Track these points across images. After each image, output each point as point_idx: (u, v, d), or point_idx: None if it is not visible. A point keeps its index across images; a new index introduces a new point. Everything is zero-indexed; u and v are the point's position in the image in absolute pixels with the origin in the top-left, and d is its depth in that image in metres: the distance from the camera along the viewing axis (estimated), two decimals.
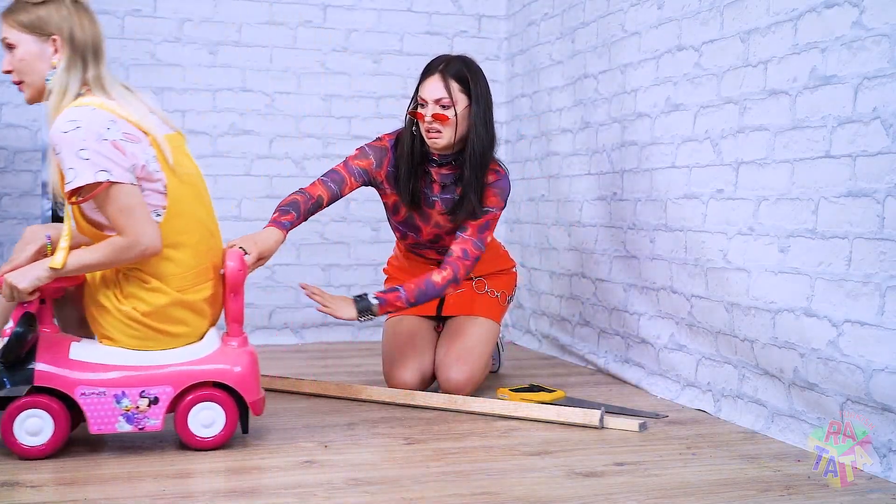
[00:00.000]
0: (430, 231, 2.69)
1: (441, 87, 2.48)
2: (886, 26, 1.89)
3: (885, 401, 1.88)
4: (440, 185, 2.61)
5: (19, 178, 3.51)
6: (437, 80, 2.49)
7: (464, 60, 2.54)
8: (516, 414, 2.37)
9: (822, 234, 2.06)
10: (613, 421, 2.28)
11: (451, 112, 2.48)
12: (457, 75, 2.49)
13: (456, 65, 2.51)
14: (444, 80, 2.48)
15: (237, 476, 1.86)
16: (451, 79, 2.48)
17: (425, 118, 2.49)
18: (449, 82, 2.48)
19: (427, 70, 2.53)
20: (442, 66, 2.50)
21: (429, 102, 2.49)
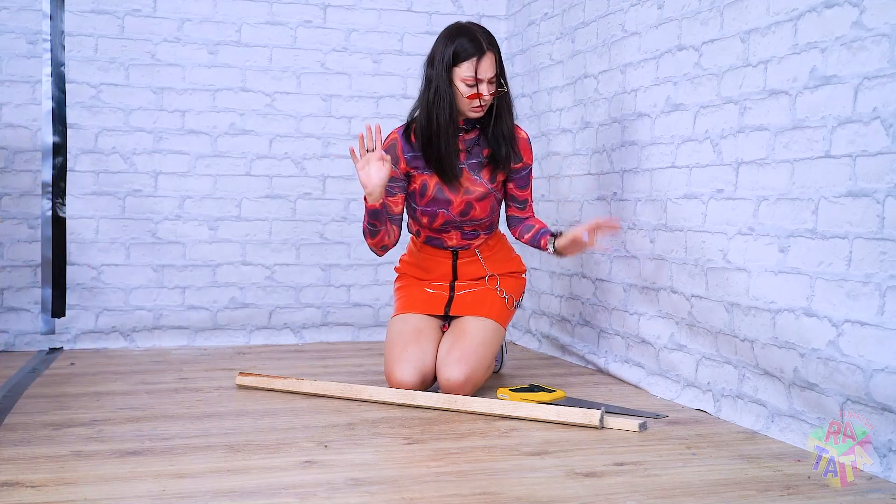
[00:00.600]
0: (460, 201, 2.75)
1: (495, 64, 2.63)
2: (886, 26, 1.89)
3: (885, 401, 1.88)
4: (466, 152, 2.74)
5: (19, 178, 3.51)
6: (491, 59, 2.62)
7: (486, 29, 2.69)
8: (516, 414, 2.37)
9: (822, 234, 2.06)
10: (613, 421, 2.28)
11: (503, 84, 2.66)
12: (494, 45, 2.65)
13: (486, 34, 2.66)
14: (495, 57, 2.64)
15: (237, 476, 1.86)
16: (496, 53, 2.64)
17: (484, 96, 2.62)
18: (497, 56, 2.64)
19: (471, 50, 2.61)
20: (486, 44, 2.62)
21: (484, 81, 2.61)
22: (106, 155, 3.60)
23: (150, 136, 3.65)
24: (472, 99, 2.62)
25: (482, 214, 2.77)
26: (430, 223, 2.79)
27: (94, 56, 3.58)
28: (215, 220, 3.72)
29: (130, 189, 3.63)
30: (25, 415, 2.38)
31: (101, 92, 3.59)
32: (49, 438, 2.13)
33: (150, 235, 3.65)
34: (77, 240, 3.56)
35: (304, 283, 3.82)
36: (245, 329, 3.74)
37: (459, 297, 2.80)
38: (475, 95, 2.61)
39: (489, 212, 2.79)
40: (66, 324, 3.54)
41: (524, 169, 2.81)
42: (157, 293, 3.65)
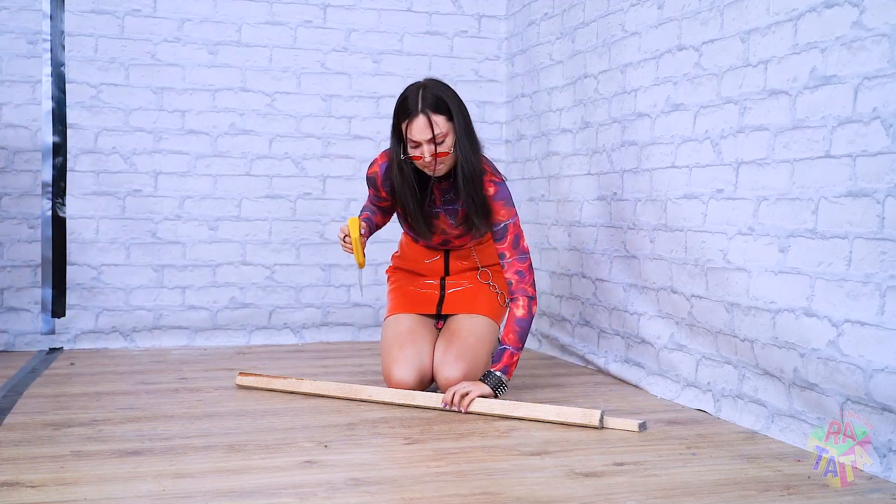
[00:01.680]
0: (438, 238, 2.75)
1: (429, 127, 2.45)
2: (886, 26, 1.89)
3: (885, 401, 1.88)
4: (441, 199, 2.65)
5: (19, 178, 3.51)
6: (423, 121, 2.45)
7: (434, 85, 2.51)
8: (516, 414, 2.37)
9: (822, 234, 2.06)
10: (613, 421, 2.28)
11: (447, 143, 2.48)
12: (436, 106, 2.46)
13: (430, 96, 2.47)
14: (430, 118, 2.45)
15: (237, 476, 1.85)
16: (433, 113, 2.45)
17: (424, 158, 2.48)
18: (433, 118, 2.45)
19: (406, 111, 2.48)
20: (421, 105, 2.45)
21: (422, 143, 2.47)
22: (106, 155, 3.60)
23: (150, 136, 3.65)
24: (416, 160, 2.52)
25: (462, 243, 2.78)
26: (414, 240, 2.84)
27: (94, 56, 3.58)
28: (215, 220, 3.72)
29: (130, 189, 3.63)
30: (25, 415, 2.38)
31: (101, 92, 3.59)
32: (49, 438, 2.13)
33: (150, 235, 3.65)
34: (77, 240, 3.56)
35: (304, 283, 3.82)
36: (245, 329, 3.74)
37: (450, 295, 2.80)
38: (416, 158, 2.50)
39: (469, 240, 2.77)
40: (66, 324, 3.54)
41: (496, 224, 2.60)
42: (157, 293, 3.65)
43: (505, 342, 2.54)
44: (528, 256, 2.61)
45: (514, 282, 2.58)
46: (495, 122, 4.05)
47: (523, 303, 2.56)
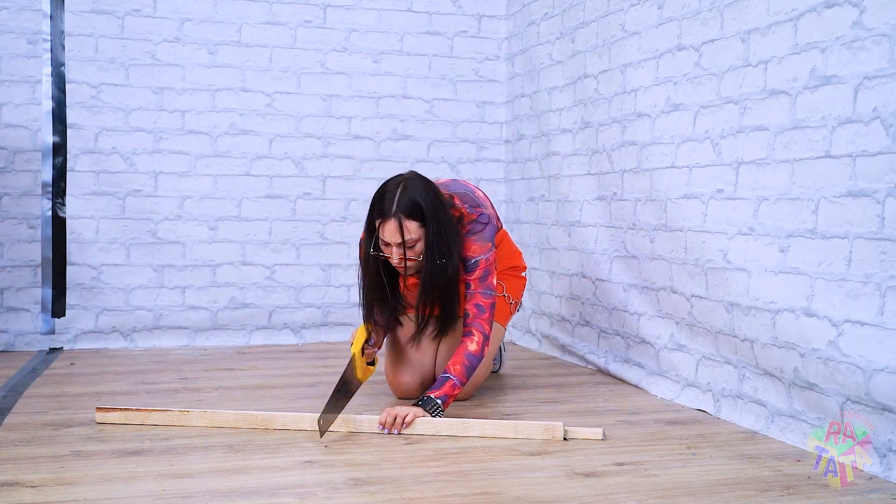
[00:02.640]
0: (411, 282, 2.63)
1: (399, 232, 2.38)
2: (886, 26, 1.89)
3: (885, 401, 1.88)
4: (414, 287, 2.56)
5: (19, 178, 3.51)
6: (394, 225, 2.38)
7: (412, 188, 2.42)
8: (469, 434, 2.20)
9: (822, 234, 2.06)
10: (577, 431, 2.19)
11: (416, 250, 2.42)
12: (410, 212, 2.39)
13: (406, 199, 2.39)
14: (400, 223, 2.38)
15: (237, 476, 1.85)
16: (406, 219, 2.38)
17: (392, 260, 2.44)
18: (405, 223, 2.38)
19: (381, 210, 2.41)
20: (395, 208, 2.38)
21: (392, 245, 2.42)
22: (106, 155, 3.60)
23: (150, 136, 3.65)
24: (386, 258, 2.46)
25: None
26: None
27: (94, 56, 3.58)
28: (215, 220, 3.72)
29: (130, 189, 3.62)
30: (25, 415, 2.38)
31: (101, 92, 3.59)
32: (49, 438, 2.13)
33: (150, 235, 3.65)
34: (77, 240, 3.56)
35: (304, 283, 3.82)
36: (245, 329, 3.74)
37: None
38: (386, 256, 2.44)
39: None
40: (66, 324, 3.54)
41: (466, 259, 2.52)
42: (157, 293, 3.65)
43: (449, 372, 2.40)
44: (493, 294, 2.51)
45: (471, 314, 2.48)
46: (495, 122, 4.05)
47: (478, 339, 2.45)
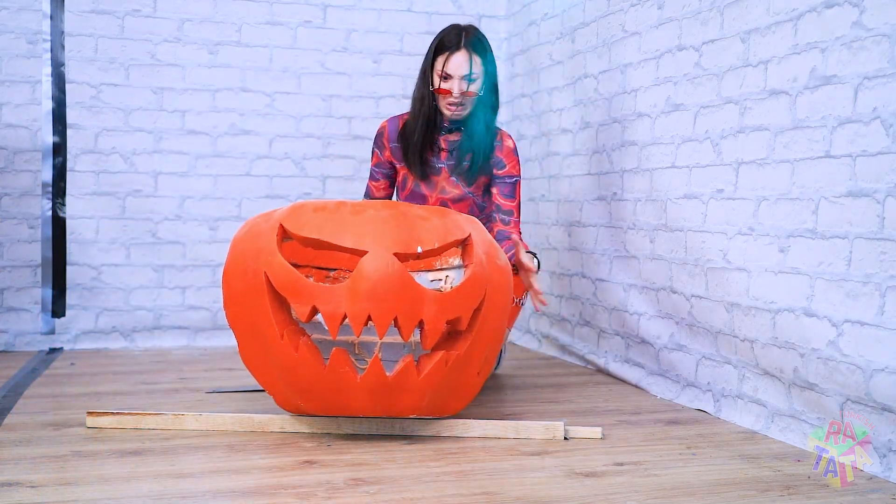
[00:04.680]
0: (435, 199, 2.75)
1: (469, 63, 2.55)
2: (886, 26, 1.89)
3: (885, 401, 1.88)
4: (447, 152, 2.70)
5: (19, 178, 3.51)
6: (464, 56, 2.55)
7: (476, 30, 2.63)
8: (469, 434, 2.19)
9: (822, 234, 2.06)
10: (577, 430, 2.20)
11: (476, 86, 2.58)
12: (477, 48, 2.58)
13: (474, 37, 2.59)
14: (470, 55, 2.55)
15: (237, 476, 1.86)
16: (475, 55, 2.56)
17: (453, 93, 2.56)
18: (473, 57, 2.55)
19: (447, 44, 2.58)
20: (464, 41, 2.57)
21: (455, 77, 2.55)
22: (106, 155, 3.60)
23: (150, 137, 3.65)
24: (443, 94, 2.60)
25: (460, 210, 2.77)
26: None
27: (94, 56, 3.58)
28: (215, 220, 3.72)
29: (130, 189, 3.62)
30: (25, 415, 2.38)
31: (101, 92, 3.59)
32: (49, 438, 2.13)
33: (150, 235, 3.65)
34: (77, 240, 3.56)
35: None
36: None
37: None
38: (444, 91, 2.58)
39: (468, 213, 2.78)
40: (66, 324, 3.54)
41: (509, 177, 2.70)
42: (157, 293, 3.65)
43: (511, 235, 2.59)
44: None
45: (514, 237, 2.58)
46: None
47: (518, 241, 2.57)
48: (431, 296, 2.02)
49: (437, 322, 2.02)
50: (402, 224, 2.06)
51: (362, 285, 1.96)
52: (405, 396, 2.06)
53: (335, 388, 2.05)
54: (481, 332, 2.12)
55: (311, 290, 2.00)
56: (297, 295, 2.01)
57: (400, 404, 2.07)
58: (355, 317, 1.96)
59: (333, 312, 1.97)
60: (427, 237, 2.07)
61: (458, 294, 2.07)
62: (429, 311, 2.01)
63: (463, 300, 2.07)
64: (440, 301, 2.02)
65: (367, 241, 2.01)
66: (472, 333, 2.10)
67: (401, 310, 1.98)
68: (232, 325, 2.18)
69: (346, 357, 2.02)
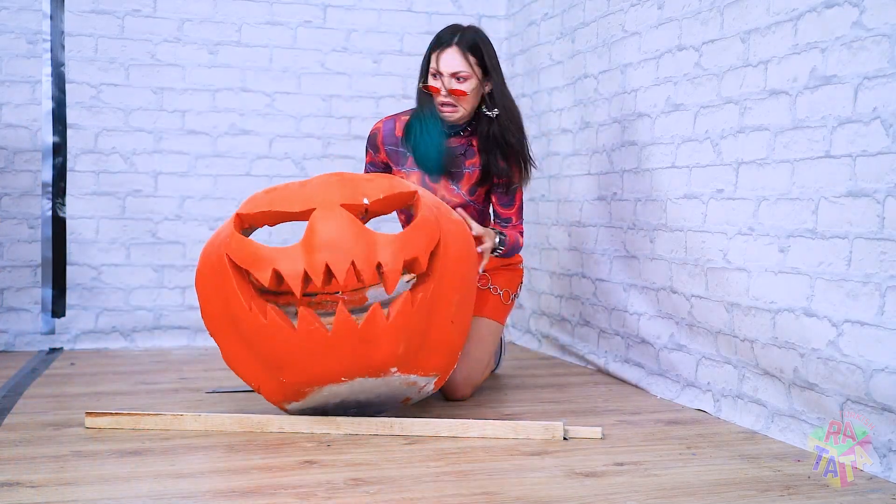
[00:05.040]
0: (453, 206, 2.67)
1: (458, 61, 2.46)
2: (886, 26, 1.89)
3: (885, 401, 1.88)
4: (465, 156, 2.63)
5: (19, 178, 3.51)
6: (453, 53, 2.47)
7: (476, 31, 2.54)
8: (468, 434, 2.19)
9: (822, 234, 2.06)
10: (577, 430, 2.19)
11: (468, 85, 2.49)
12: (472, 47, 2.49)
13: (469, 36, 2.51)
14: (462, 53, 2.46)
15: (237, 476, 1.86)
16: (468, 53, 2.47)
17: (441, 91, 2.49)
18: (466, 55, 2.47)
19: (440, 42, 2.51)
20: (457, 38, 2.48)
21: (444, 75, 2.48)
22: (106, 155, 3.60)
23: (150, 136, 3.65)
24: (431, 92, 2.51)
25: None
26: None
27: (94, 56, 3.58)
28: (215, 221, 3.72)
29: (130, 189, 3.63)
30: (25, 415, 2.38)
31: (101, 92, 3.60)
32: (49, 438, 2.13)
33: (150, 235, 3.65)
34: (77, 240, 3.56)
35: None
36: None
37: None
38: (431, 88, 2.50)
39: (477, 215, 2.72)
40: (66, 324, 3.54)
41: (510, 185, 2.64)
42: (157, 293, 3.65)
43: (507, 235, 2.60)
44: None
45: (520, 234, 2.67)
46: None
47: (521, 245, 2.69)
48: (385, 238, 2.07)
49: (395, 263, 2.05)
50: (346, 183, 2.13)
51: (315, 238, 2.02)
52: (379, 347, 2.06)
53: (308, 350, 2.06)
54: (444, 275, 2.15)
55: (269, 254, 2.06)
56: (257, 263, 2.06)
57: (376, 357, 2.08)
58: (314, 268, 2.01)
59: (293, 270, 2.02)
60: (372, 191, 2.13)
61: (410, 235, 2.11)
62: (384, 253, 2.05)
63: (417, 240, 2.10)
64: (394, 243, 2.07)
65: (314, 201, 2.08)
66: (434, 276, 2.13)
67: (356, 254, 2.01)
68: (209, 327, 2.23)
69: (314, 315, 2.05)
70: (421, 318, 2.11)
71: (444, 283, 2.15)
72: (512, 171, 2.63)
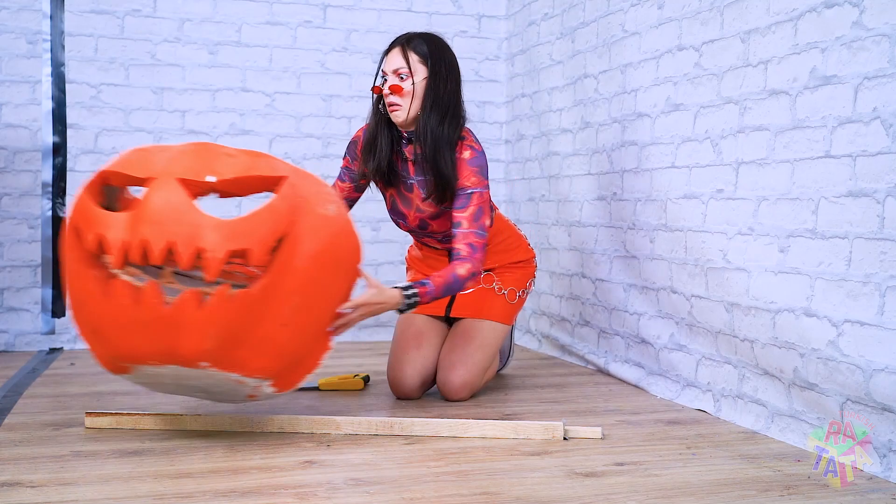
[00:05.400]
0: (414, 217, 2.64)
1: (398, 58, 2.50)
2: (886, 26, 1.89)
3: (885, 401, 1.88)
4: (413, 165, 2.57)
5: (19, 178, 3.51)
6: (396, 53, 2.52)
7: (428, 36, 2.56)
8: (469, 434, 2.18)
9: (822, 234, 2.07)
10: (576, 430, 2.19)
11: (408, 83, 2.48)
12: (417, 47, 2.51)
13: (417, 39, 2.53)
14: (404, 52, 2.50)
15: (237, 476, 1.86)
16: (410, 50, 2.51)
17: (382, 90, 2.52)
18: (408, 53, 2.50)
19: (389, 46, 2.55)
20: (404, 40, 2.53)
21: (388, 74, 2.52)
22: (106, 155, 3.60)
23: (150, 137, 3.65)
24: (378, 94, 2.54)
25: (442, 228, 2.63)
26: (401, 228, 2.74)
27: (94, 56, 3.58)
28: None
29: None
30: (25, 415, 2.38)
31: (101, 92, 3.60)
32: (49, 438, 2.13)
33: None
34: None
35: None
36: None
37: (460, 297, 2.77)
38: (376, 89, 2.53)
39: (449, 225, 2.60)
40: (66, 324, 3.54)
41: (461, 189, 2.48)
42: None
43: (432, 282, 2.34)
44: (485, 236, 2.45)
45: (463, 253, 2.40)
46: (495, 122, 4.05)
47: (469, 268, 2.38)
48: (213, 223, 1.89)
49: (218, 251, 1.88)
50: (200, 156, 1.97)
51: (142, 212, 1.89)
52: (185, 336, 1.90)
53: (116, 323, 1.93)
54: (284, 273, 1.94)
55: (99, 217, 1.94)
56: (87, 223, 1.95)
57: (183, 346, 1.91)
58: (131, 243, 1.89)
59: (114, 239, 1.90)
60: (225, 169, 1.96)
61: (245, 223, 1.92)
62: (208, 240, 1.87)
63: (252, 230, 1.91)
64: (221, 229, 1.88)
65: (157, 170, 1.94)
66: (270, 273, 1.93)
67: (177, 235, 1.87)
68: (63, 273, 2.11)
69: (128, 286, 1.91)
70: (241, 314, 1.92)
71: (284, 283, 1.95)
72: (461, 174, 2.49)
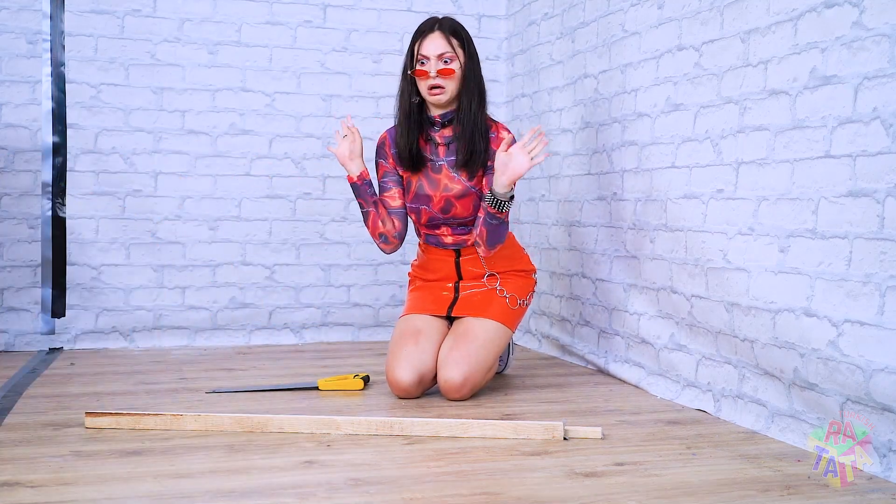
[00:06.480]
0: (440, 198, 2.74)
1: (443, 43, 2.65)
2: (886, 26, 1.89)
3: (885, 401, 1.88)
4: (444, 146, 2.74)
5: (19, 178, 3.51)
6: (438, 37, 2.66)
7: (454, 20, 2.74)
8: (469, 433, 2.18)
9: (822, 234, 2.06)
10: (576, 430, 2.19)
11: (456, 64, 2.65)
12: (453, 31, 2.68)
13: (449, 22, 2.71)
14: (445, 36, 2.66)
15: (237, 476, 1.86)
16: (450, 34, 2.66)
17: (430, 74, 2.64)
18: (449, 37, 2.66)
19: (422, 31, 2.69)
20: (438, 25, 2.68)
21: (431, 58, 2.64)
22: (106, 155, 3.60)
23: (150, 136, 3.65)
24: (421, 77, 2.66)
25: (464, 212, 2.74)
26: (418, 220, 2.81)
27: (94, 56, 3.58)
28: (215, 220, 3.72)
29: (130, 189, 3.63)
30: (25, 415, 2.38)
31: (101, 92, 3.59)
32: (49, 438, 2.13)
33: (150, 235, 3.65)
34: (77, 240, 3.56)
35: (304, 283, 3.82)
36: (245, 329, 3.74)
37: (464, 297, 2.78)
38: (422, 73, 2.65)
39: (472, 209, 2.75)
40: (66, 324, 3.54)
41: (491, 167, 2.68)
42: (157, 293, 3.65)
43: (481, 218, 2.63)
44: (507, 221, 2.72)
45: None
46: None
47: None
48: None
49: None
50: None
51: None
52: None
53: None
54: None
55: None
56: None
57: None
58: None
59: None
60: None
61: None
62: None
63: None
64: None
65: None
66: None
67: None
68: None
69: None
70: None
71: None
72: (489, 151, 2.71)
